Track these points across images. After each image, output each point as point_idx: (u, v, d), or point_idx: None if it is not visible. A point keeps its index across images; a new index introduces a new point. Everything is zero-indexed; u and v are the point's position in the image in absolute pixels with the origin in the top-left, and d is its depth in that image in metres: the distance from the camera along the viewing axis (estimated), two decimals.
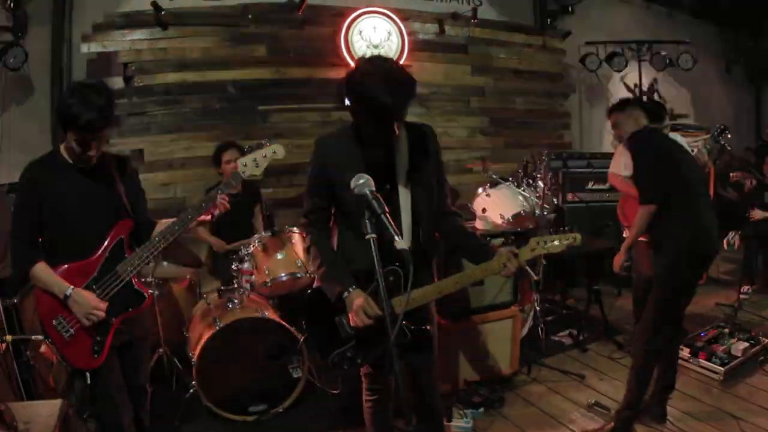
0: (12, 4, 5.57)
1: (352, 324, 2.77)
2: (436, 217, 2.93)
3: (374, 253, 2.19)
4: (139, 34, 6.09)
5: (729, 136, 5.29)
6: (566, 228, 2.92)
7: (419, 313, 2.82)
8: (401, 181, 2.78)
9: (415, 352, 2.87)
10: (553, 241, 2.85)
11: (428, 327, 2.88)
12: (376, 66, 2.53)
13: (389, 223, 2.21)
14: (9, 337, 3.64)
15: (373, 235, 2.21)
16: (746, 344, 5.07)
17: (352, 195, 2.41)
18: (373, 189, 2.32)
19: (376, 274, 2.20)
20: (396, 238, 2.16)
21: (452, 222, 2.99)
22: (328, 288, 2.86)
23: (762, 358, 5.06)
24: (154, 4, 5.92)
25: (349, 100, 2.64)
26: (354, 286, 2.76)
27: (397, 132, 2.61)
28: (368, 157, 2.71)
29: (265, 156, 3.15)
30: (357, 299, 2.72)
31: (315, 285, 3.04)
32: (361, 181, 2.33)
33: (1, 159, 5.67)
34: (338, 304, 2.82)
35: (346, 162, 2.70)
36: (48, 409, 2.61)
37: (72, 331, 2.90)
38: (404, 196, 2.78)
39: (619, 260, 4.31)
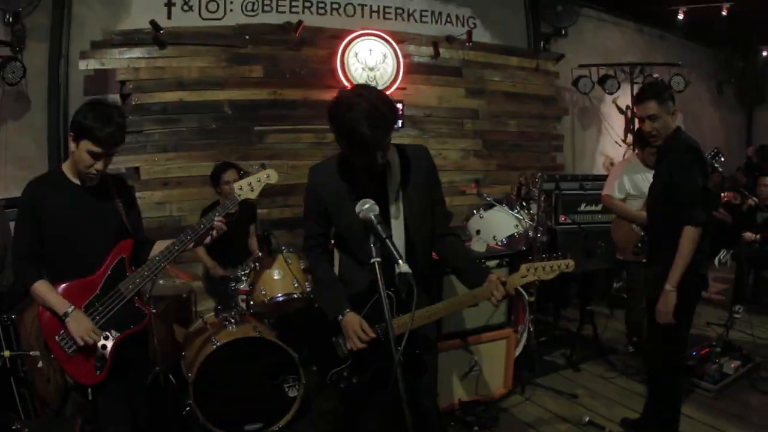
0: (11, 19, 5.61)
1: (347, 346, 2.81)
2: (432, 238, 2.96)
3: (379, 277, 2.21)
4: (137, 53, 6.12)
5: (723, 159, 5.34)
6: (558, 254, 2.91)
7: (412, 337, 2.82)
8: (393, 207, 2.79)
9: (409, 374, 2.90)
10: (543, 268, 2.81)
11: (418, 351, 2.87)
12: (358, 97, 2.51)
13: (393, 247, 2.24)
14: (7, 353, 3.65)
15: (378, 259, 2.24)
16: (738, 362, 5.14)
17: (347, 223, 2.49)
18: (378, 213, 2.35)
19: (380, 296, 2.22)
20: (399, 262, 2.18)
21: (450, 243, 3.00)
22: (325, 310, 2.90)
23: (754, 376, 5.12)
24: (153, 23, 5.97)
25: (332, 131, 2.64)
26: (348, 310, 2.79)
27: (381, 160, 2.61)
28: (360, 185, 2.74)
29: (259, 180, 3.30)
30: (351, 323, 2.76)
31: (316, 305, 3.07)
32: (366, 206, 2.36)
33: None
34: (336, 325, 2.85)
35: (340, 191, 2.77)
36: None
37: (75, 347, 2.92)
38: (397, 222, 2.79)
39: (669, 306, 3.57)
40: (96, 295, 2.97)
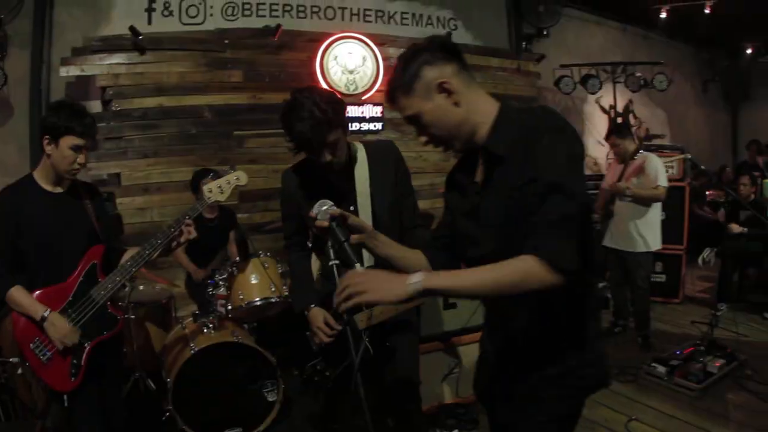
0: None
1: (316, 341, 2.88)
2: (401, 233, 2.96)
3: (336, 280, 2.18)
4: (117, 59, 6.08)
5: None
6: None
7: (384, 327, 2.89)
8: (362, 203, 2.85)
9: (383, 365, 2.98)
10: None
11: (388, 344, 2.95)
12: (304, 99, 2.63)
13: (350, 250, 2.18)
14: None
15: (336, 262, 2.20)
16: (722, 361, 5.09)
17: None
18: (338, 214, 2.29)
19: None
20: (357, 266, 2.14)
21: (417, 236, 3.00)
22: (294, 305, 3.04)
23: (738, 374, 5.07)
24: (132, 29, 5.94)
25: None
26: (313, 305, 2.90)
27: (331, 158, 2.71)
28: (328, 183, 2.82)
29: (229, 182, 3.28)
30: (315, 318, 2.86)
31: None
32: (324, 208, 2.29)
33: None
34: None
35: (309, 191, 2.84)
36: None
37: (49, 354, 2.92)
38: (365, 218, 2.80)
39: None
40: (69, 301, 2.96)
